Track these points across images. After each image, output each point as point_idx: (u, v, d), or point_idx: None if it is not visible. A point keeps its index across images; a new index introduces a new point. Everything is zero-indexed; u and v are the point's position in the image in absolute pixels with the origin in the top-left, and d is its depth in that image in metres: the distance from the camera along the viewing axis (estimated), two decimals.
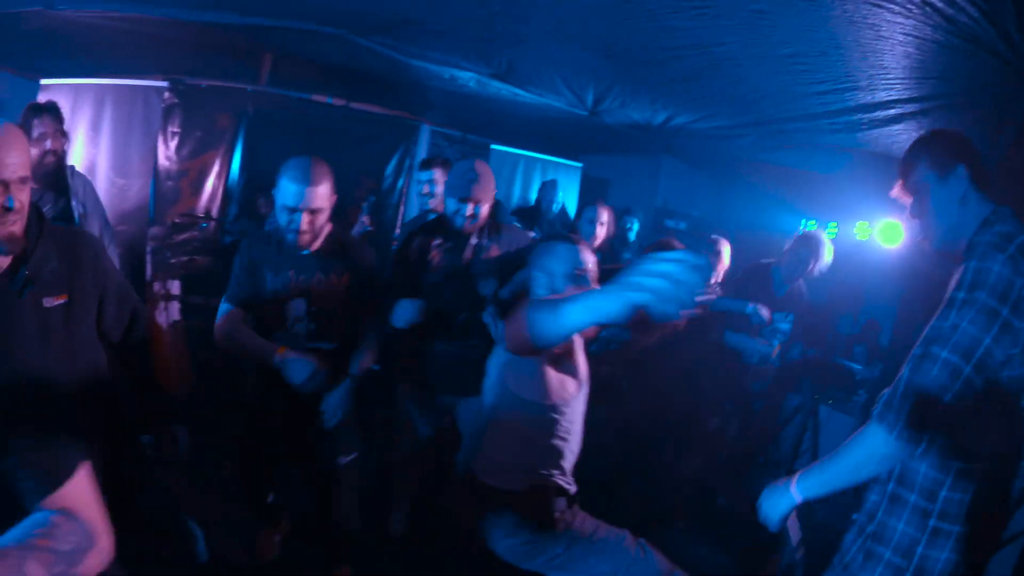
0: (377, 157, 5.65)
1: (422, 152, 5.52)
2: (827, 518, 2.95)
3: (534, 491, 1.89)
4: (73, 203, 3.29)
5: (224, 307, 2.32)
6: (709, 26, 1.97)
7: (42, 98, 4.57)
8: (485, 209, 2.53)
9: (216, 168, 4.82)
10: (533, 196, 6.00)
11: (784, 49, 1.93)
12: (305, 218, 2.22)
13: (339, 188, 2.29)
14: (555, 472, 1.91)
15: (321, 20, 3.36)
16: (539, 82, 3.59)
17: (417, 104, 5.28)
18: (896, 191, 1.56)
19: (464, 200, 2.48)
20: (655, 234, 5.13)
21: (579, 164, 6.21)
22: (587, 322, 1.31)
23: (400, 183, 5.71)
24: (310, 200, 2.21)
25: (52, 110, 3.17)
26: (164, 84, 4.52)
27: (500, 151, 5.75)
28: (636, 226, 4.66)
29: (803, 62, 1.99)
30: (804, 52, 1.91)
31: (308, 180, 2.22)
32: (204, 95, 4.67)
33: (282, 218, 2.26)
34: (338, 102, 5.38)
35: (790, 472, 1.68)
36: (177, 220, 4.37)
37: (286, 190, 2.21)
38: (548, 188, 4.81)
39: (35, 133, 3.10)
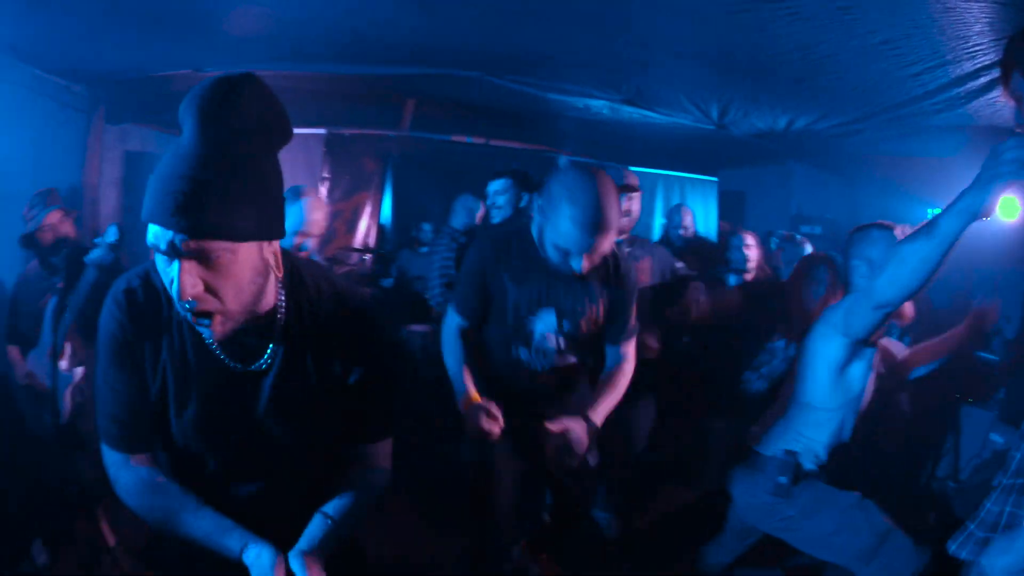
0: None
1: None
2: None
3: (788, 462, 2.09)
4: None
5: (450, 318, 2.13)
6: (805, 28, 2.25)
7: None
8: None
9: (368, 208, 5.45)
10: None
11: (874, 38, 2.18)
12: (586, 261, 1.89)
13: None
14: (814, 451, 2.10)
15: (460, 65, 3.61)
16: (666, 102, 3.81)
17: (553, 136, 5.55)
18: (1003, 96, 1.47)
19: None
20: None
21: (715, 179, 6.28)
22: (963, 225, 1.39)
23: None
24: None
25: None
26: (323, 132, 5.07)
27: (638, 173, 5.96)
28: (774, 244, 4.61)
29: (893, 46, 2.21)
30: (892, 37, 2.15)
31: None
32: (351, 142, 5.22)
33: (556, 256, 1.91)
34: (477, 141, 5.75)
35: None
36: (334, 255, 4.92)
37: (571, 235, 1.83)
38: (674, 214, 4.47)
39: None
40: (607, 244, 1.85)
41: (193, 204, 1.01)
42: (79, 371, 3.05)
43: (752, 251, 3.43)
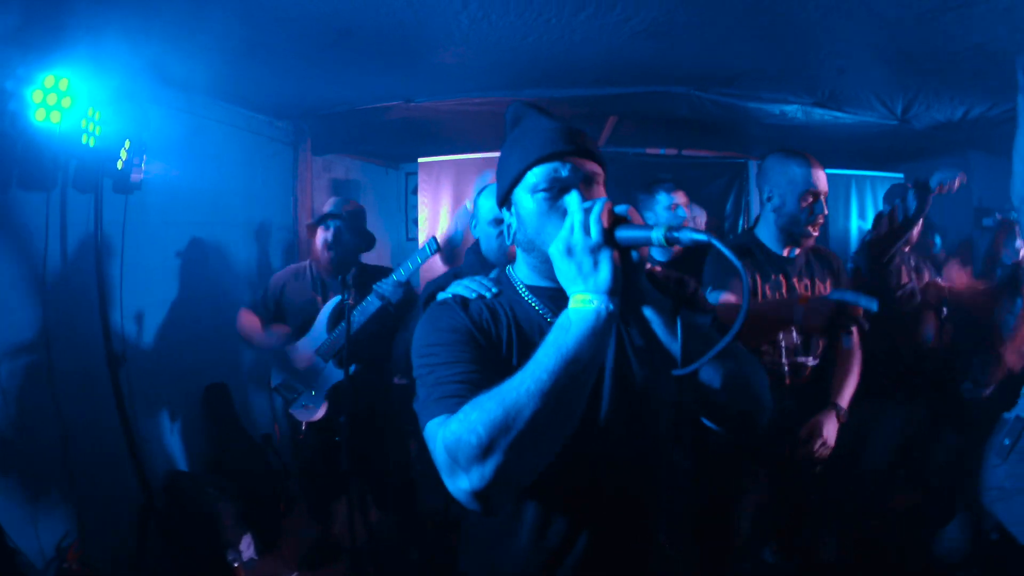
0: (715, 199, 5.92)
1: (754, 189, 5.61)
2: None
3: (1016, 427, 2.34)
4: None
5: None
6: (977, 25, 2.84)
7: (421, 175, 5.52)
8: None
9: None
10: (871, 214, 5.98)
11: None
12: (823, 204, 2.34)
13: None
14: None
15: (669, 82, 3.90)
16: (856, 101, 4.14)
17: (743, 142, 5.68)
18: None
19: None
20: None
21: (900, 175, 6.23)
22: None
23: (740, 221, 6.05)
24: (824, 183, 2.40)
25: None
26: None
27: (829, 175, 6.05)
28: (939, 241, 4.51)
29: None
30: None
31: (818, 165, 2.40)
32: None
33: (803, 211, 2.39)
34: (670, 152, 5.94)
35: None
36: None
37: (804, 175, 2.37)
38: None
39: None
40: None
41: (578, 133, 1.32)
42: (339, 374, 3.25)
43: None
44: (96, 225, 3.24)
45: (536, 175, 1.30)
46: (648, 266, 1.27)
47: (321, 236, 3.36)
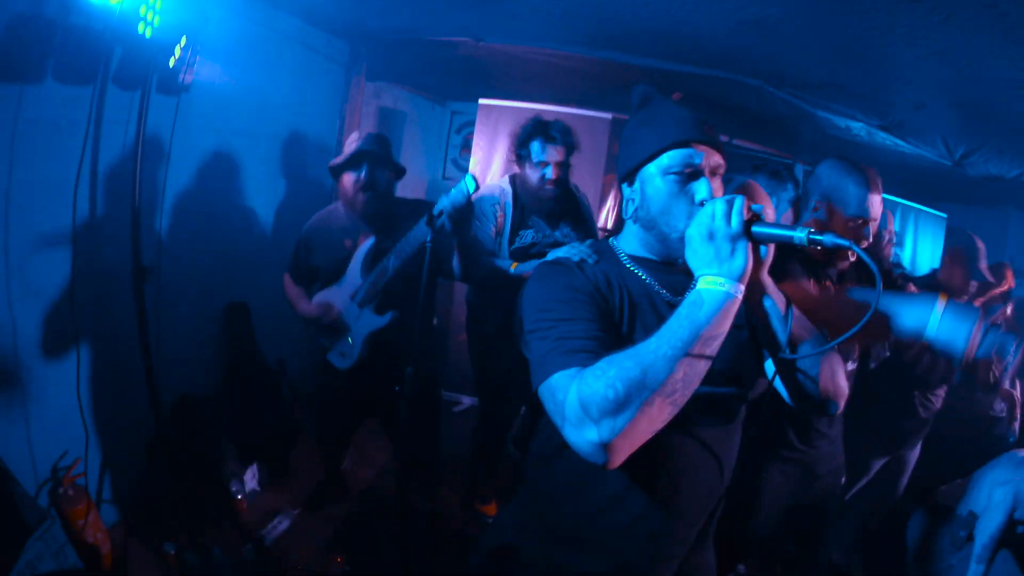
0: None
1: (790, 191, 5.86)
2: None
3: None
4: (583, 212, 3.51)
5: None
6: None
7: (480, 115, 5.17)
8: None
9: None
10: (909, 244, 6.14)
11: None
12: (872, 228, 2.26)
13: None
14: None
15: (747, 72, 3.82)
16: (921, 136, 4.18)
17: (795, 144, 5.72)
18: None
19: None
20: None
21: (944, 215, 6.24)
22: None
23: (777, 219, 5.99)
24: (878, 211, 2.26)
25: (556, 139, 3.23)
26: (608, 116, 4.98)
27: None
28: None
29: None
30: None
31: (877, 188, 2.25)
32: (591, 123, 4.97)
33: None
34: (723, 139, 5.63)
35: None
36: None
37: (858, 196, 2.22)
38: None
39: (533, 158, 3.25)
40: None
41: (710, 125, 1.37)
42: (385, 319, 3.05)
43: None
44: (139, 125, 2.97)
45: (671, 157, 1.35)
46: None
47: (352, 177, 3.02)
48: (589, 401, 1.09)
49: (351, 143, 3.08)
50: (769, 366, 1.43)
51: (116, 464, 3.24)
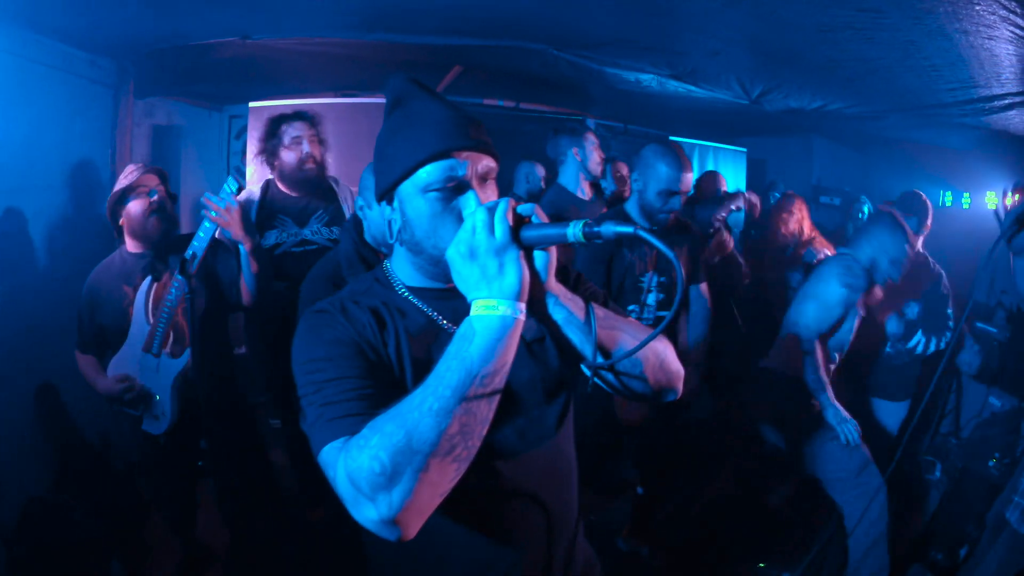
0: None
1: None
2: None
3: None
4: (344, 210, 3.34)
5: None
6: (870, 47, 2.75)
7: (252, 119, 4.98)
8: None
9: None
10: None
11: (926, 62, 2.71)
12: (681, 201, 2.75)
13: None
14: None
15: (525, 38, 3.66)
16: (715, 81, 4.09)
17: (584, 101, 5.67)
18: None
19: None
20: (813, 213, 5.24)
21: (743, 149, 6.49)
22: None
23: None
24: (688, 184, 2.72)
25: (305, 116, 3.25)
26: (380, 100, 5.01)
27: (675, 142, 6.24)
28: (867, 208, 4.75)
29: (940, 71, 2.75)
30: (940, 64, 2.69)
31: (687, 167, 2.72)
32: (372, 110, 4.98)
33: (658, 202, 2.75)
34: (508, 104, 5.89)
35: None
36: None
37: (668, 176, 2.71)
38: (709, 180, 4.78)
39: (286, 139, 3.21)
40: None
41: (475, 123, 1.19)
42: (184, 359, 2.76)
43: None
44: None
45: (429, 173, 1.15)
46: None
47: (142, 204, 2.75)
48: (357, 477, 0.96)
49: (126, 176, 2.82)
50: (586, 369, 1.24)
51: None
